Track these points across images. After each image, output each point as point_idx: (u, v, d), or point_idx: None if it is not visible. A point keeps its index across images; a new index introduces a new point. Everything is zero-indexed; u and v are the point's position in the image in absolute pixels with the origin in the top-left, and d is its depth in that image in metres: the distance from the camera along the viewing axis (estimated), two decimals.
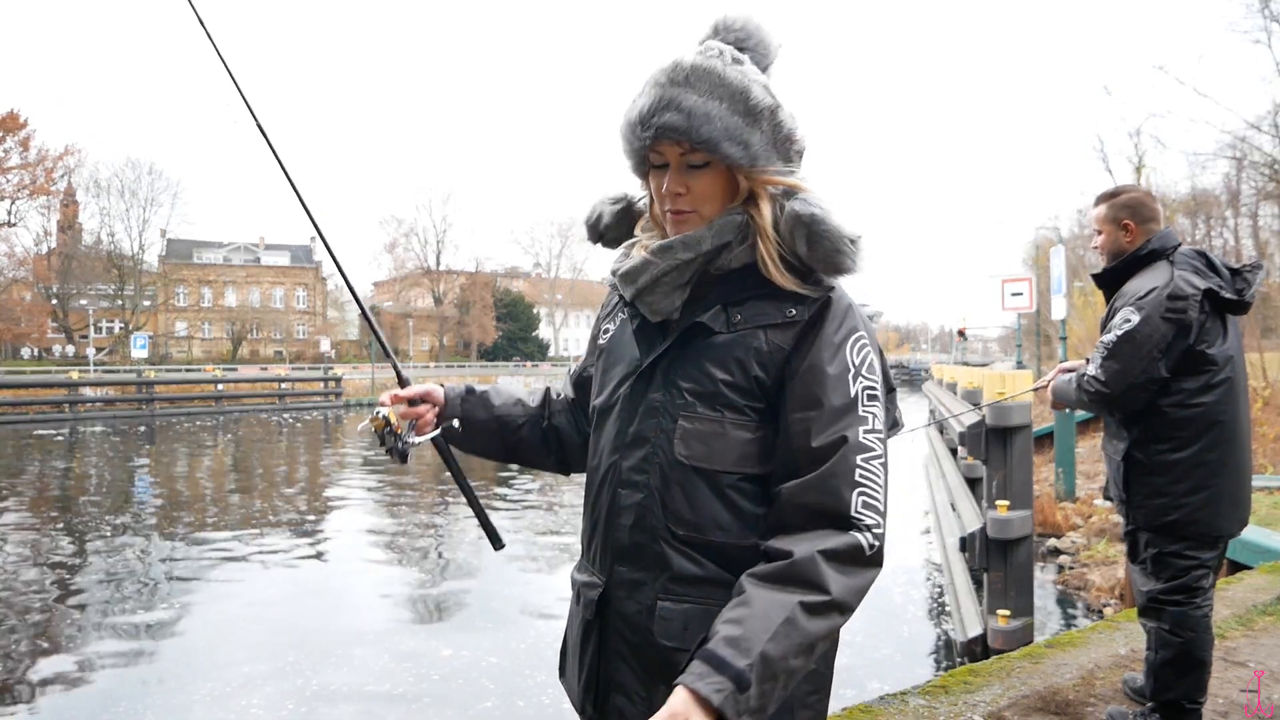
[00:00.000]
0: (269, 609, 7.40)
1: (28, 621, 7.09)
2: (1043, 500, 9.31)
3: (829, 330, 1.10)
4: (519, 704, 5.29)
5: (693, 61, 1.10)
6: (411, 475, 16.67)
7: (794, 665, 0.95)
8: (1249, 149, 16.71)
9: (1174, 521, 2.41)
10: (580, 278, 76.42)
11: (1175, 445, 2.40)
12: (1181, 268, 2.42)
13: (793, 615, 0.95)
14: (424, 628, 7.01)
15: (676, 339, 1.15)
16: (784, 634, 0.94)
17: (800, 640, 0.95)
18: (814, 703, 1.14)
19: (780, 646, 0.94)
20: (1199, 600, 2.43)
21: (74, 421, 30.34)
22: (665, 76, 1.10)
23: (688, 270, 1.15)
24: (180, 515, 12.13)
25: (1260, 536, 5.29)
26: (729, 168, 1.12)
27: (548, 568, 8.98)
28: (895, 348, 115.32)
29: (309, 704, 5.28)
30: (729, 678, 0.91)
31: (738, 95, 1.09)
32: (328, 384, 41.20)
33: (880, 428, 1.08)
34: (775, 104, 1.12)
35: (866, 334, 1.13)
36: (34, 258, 47.70)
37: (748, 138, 1.09)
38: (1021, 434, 5.03)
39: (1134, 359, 2.35)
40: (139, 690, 5.56)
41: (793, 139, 1.14)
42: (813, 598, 0.97)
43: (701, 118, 1.07)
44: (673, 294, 1.16)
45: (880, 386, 1.12)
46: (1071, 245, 25.73)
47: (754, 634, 0.94)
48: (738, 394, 1.10)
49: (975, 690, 3.05)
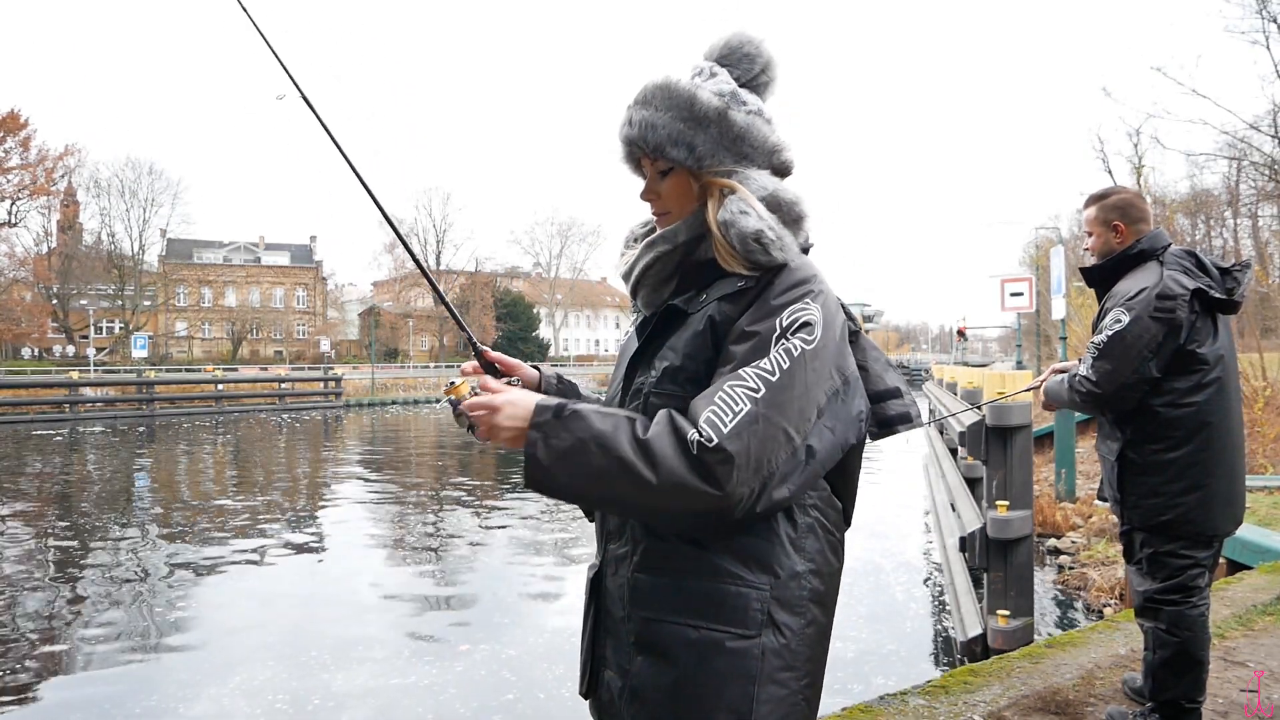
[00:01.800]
0: (278, 607, 7.39)
1: (28, 622, 7.09)
2: (1043, 500, 9.31)
3: (769, 295, 1.14)
4: (539, 696, 5.35)
5: (655, 82, 1.22)
6: (412, 475, 16.68)
7: (595, 448, 1.05)
8: (1248, 149, 16.71)
9: (1168, 521, 2.42)
10: (580, 278, 76.41)
11: (1168, 445, 2.41)
12: (1171, 268, 2.43)
13: (618, 424, 1.06)
14: (438, 624, 7.01)
15: (656, 324, 1.23)
16: (606, 422, 1.06)
17: (607, 441, 1.04)
18: (786, 680, 1.13)
19: (599, 425, 1.06)
20: (1195, 599, 2.43)
21: (74, 421, 30.35)
22: (633, 100, 1.24)
23: (670, 261, 1.25)
24: (182, 515, 12.14)
25: (1260, 536, 5.29)
26: (687, 171, 1.22)
27: (556, 564, 8.98)
28: (895, 348, 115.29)
29: (336, 698, 5.31)
30: (555, 406, 1.09)
31: (683, 103, 1.19)
32: (328, 384, 41.19)
33: (771, 370, 1.08)
34: (724, 106, 1.20)
35: (818, 310, 1.13)
36: (34, 258, 47.68)
37: (692, 139, 1.19)
38: (1021, 434, 5.03)
39: (1125, 359, 2.37)
40: (141, 691, 5.56)
41: (745, 137, 1.22)
42: (637, 432, 1.05)
43: (648, 127, 1.20)
44: (661, 287, 1.27)
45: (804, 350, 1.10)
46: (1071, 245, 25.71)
47: (590, 410, 1.08)
48: (700, 365, 1.15)
49: (975, 690, 3.05)
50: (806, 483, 1.12)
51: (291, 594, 7.87)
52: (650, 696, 1.14)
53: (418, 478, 16.33)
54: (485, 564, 9.07)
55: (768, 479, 1.07)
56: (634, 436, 1.05)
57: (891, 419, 1.27)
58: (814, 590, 1.16)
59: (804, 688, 1.15)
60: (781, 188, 1.22)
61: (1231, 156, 17.63)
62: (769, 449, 1.06)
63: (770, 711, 1.11)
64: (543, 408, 1.09)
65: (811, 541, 1.16)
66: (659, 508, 1.08)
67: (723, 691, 1.10)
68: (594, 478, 1.05)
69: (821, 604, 1.17)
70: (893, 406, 1.27)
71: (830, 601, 1.20)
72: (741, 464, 1.03)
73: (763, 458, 1.05)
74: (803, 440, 1.10)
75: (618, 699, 1.20)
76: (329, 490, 14.83)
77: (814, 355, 1.11)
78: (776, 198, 1.20)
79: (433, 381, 48.81)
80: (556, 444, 1.06)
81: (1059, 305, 11.11)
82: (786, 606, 1.13)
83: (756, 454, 1.05)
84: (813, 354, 1.11)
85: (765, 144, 1.24)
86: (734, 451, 1.03)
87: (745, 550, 1.13)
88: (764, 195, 1.20)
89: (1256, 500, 6.77)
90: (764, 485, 1.07)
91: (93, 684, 5.71)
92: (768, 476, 1.07)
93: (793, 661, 1.13)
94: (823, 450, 1.13)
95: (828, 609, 1.20)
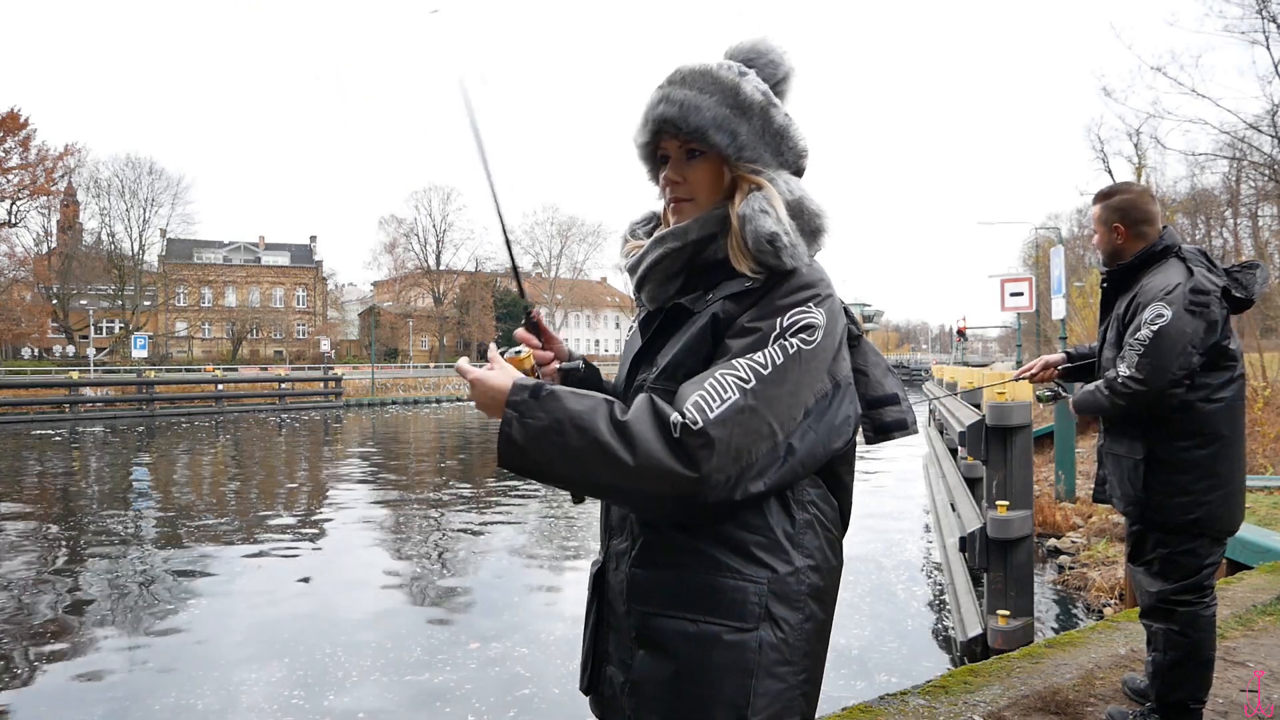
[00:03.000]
0: (283, 608, 7.37)
1: (29, 622, 7.09)
2: (1043, 500, 9.31)
3: (774, 295, 1.14)
4: (554, 691, 5.37)
5: (694, 66, 1.21)
6: (413, 475, 16.68)
7: (571, 428, 1.04)
8: (1248, 149, 16.71)
9: (1196, 519, 2.38)
10: (580, 278, 76.39)
11: (1199, 442, 2.38)
12: (1196, 264, 2.42)
13: (596, 405, 1.06)
14: (446, 623, 7.00)
15: (661, 321, 1.23)
16: (584, 403, 1.06)
17: (583, 422, 1.04)
18: (783, 674, 1.13)
19: (576, 405, 1.05)
20: (1208, 600, 2.42)
21: (74, 421, 30.34)
22: (665, 80, 1.23)
23: (678, 259, 1.24)
24: (182, 516, 12.13)
25: (1260, 536, 5.29)
26: (720, 160, 1.21)
27: (559, 562, 8.98)
28: (895, 347, 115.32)
29: (350, 693, 5.32)
30: (532, 386, 1.08)
31: (728, 90, 1.19)
32: (328, 384, 41.17)
33: (765, 364, 1.09)
34: (767, 103, 1.21)
35: (822, 315, 1.14)
36: (34, 258, 47.66)
37: (735, 127, 1.18)
38: (1021, 434, 5.03)
39: (1171, 354, 2.31)
40: (147, 691, 5.55)
41: (785, 136, 1.22)
42: (615, 413, 1.05)
43: (692, 108, 1.18)
44: (667, 283, 1.26)
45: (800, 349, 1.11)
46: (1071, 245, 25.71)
47: (567, 391, 1.08)
48: (700, 363, 1.15)
49: (975, 690, 3.05)
50: (784, 479, 1.11)
51: (296, 594, 7.85)
52: (650, 690, 1.15)
53: (419, 477, 16.33)
54: (488, 562, 9.06)
55: (745, 469, 1.07)
56: (611, 417, 1.05)
57: (888, 425, 1.29)
58: (813, 586, 1.16)
59: (802, 683, 1.15)
60: (808, 196, 1.21)
61: (1231, 156, 17.62)
62: (751, 440, 1.06)
63: (767, 705, 1.12)
64: (520, 386, 1.08)
65: (810, 538, 1.17)
66: (635, 489, 1.07)
67: (721, 685, 1.11)
68: (569, 458, 1.05)
69: (820, 600, 1.17)
70: (889, 413, 1.29)
71: (829, 598, 1.20)
72: (722, 450, 1.04)
73: (744, 448, 1.06)
74: (785, 437, 1.09)
75: (620, 693, 1.21)
76: (330, 490, 14.82)
77: (810, 357, 1.11)
78: (801, 205, 1.19)
79: (432, 381, 48.81)
80: (531, 424, 1.05)
81: (1059, 305, 11.10)
82: (785, 601, 1.13)
83: (738, 443, 1.05)
84: (809, 355, 1.11)
85: (798, 146, 1.24)
86: (716, 437, 1.03)
87: (743, 545, 1.13)
88: (790, 199, 1.19)
89: (1256, 500, 6.77)
90: (741, 475, 1.06)
91: (94, 684, 5.70)
92: (745, 467, 1.07)
93: (790, 656, 1.14)
94: (803, 450, 1.12)
95: (826, 606, 1.20)
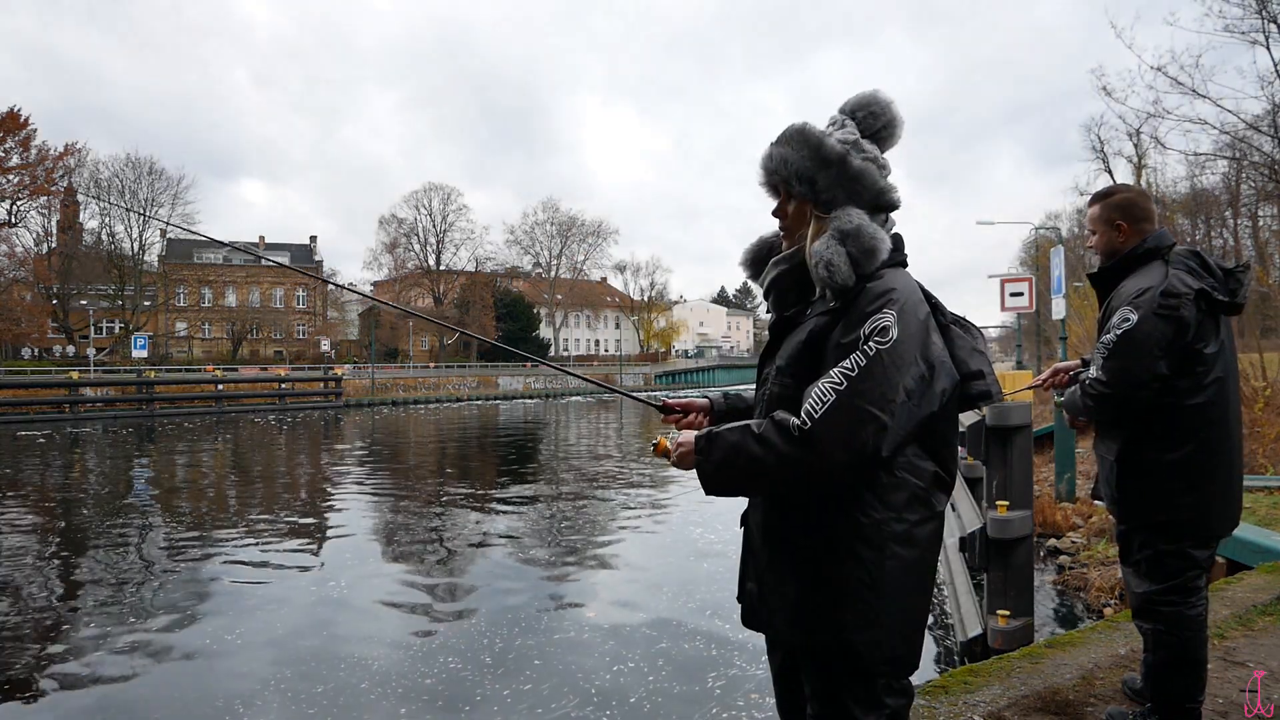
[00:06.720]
0: (286, 608, 7.36)
1: (29, 623, 7.09)
2: (1043, 500, 9.30)
3: (854, 310, 1.46)
4: (565, 689, 5.43)
5: (794, 127, 1.57)
6: (414, 474, 16.68)
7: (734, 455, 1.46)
8: (1248, 150, 16.70)
9: (1167, 521, 2.41)
10: (580, 278, 76.39)
11: (1169, 445, 2.40)
12: (1176, 267, 2.42)
13: (744, 433, 1.47)
14: (450, 621, 7.00)
15: (778, 329, 1.63)
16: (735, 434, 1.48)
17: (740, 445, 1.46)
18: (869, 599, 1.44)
19: (731, 438, 1.48)
20: (1194, 600, 2.42)
21: (74, 421, 30.35)
22: (774, 139, 1.60)
23: (789, 277, 1.62)
24: (182, 516, 12.13)
25: (1260, 536, 5.28)
26: (806, 201, 1.56)
27: (561, 561, 8.97)
28: None
29: (366, 695, 5.29)
30: (705, 435, 1.52)
31: (813, 146, 1.53)
32: (328, 384, 41.23)
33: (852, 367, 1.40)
34: (844, 153, 1.52)
35: (894, 316, 1.43)
36: (34, 258, 47.63)
37: (814, 176, 1.53)
38: (1021, 434, 5.02)
39: (1136, 357, 2.34)
40: (146, 694, 5.55)
41: (861, 178, 1.52)
42: (754, 431, 1.46)
43: (780, 162, 1.57)
44: (784, 295, 1.64)
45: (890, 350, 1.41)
46: (1071, 245, 25.72)
47: (723, 429, 1.51)
48: (801, 365, 1.51)
49: (975, 690, 3.05)
50: (894, 443, 1.41)
51: (297, 594, 7.83)
52: (774, 601, 1.55)
53: (419, 477, 16.32)
54: (490, 562, 9.05)
55: (861, 446, 1.38)
56: (754, 436, 1.45)
57: (973, 396, 1.54)
58: (894, 533, 1.45)
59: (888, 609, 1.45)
60: (864, 225, 1.48)
61: (1231, 157, 17.62)
62: (854, 427, 1.38)
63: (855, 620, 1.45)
64: (698, 439, 1.51)
65: (898, 495, 1.45)
66: (784, 480, 1.45)
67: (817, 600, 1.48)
68: (740, 473, 1.47)
69: (907, 544, 1.46)
70: (975, 386, 1.53)
71: (917, 545, 1.47)
72: (830, 439, 1.38)
73: (851, 432, 1.37)
74: (887, 415, 1.38)
75: (754, 601, 1.62)
76: (331, 490, 14.82)
77: (890, 351, 1.41)
78: (858, 232, 1.47)
79: (432, 381, 48.83)
80: (715, 458, 1.48)
81: (1059, 305, 11.08)
82: (867, 543, 1.44)
83: (843, 432, 1.37)
84: (889, 350, 1.41)
85: (874, 187, 1.54)
86: (823, 431, 1.38)
87: (839, 500, 1.45)
88: (849, 229, 1.47)
89: (1256, 500, 6.76)
90: (861, 450, 1.38)
91: (96, 683, 5.70)
92: (861, 445, 1.38)
93: (874, 585, 1.44)
94: (906, 418, 1.41)
95: (915, 548, 1.47)
